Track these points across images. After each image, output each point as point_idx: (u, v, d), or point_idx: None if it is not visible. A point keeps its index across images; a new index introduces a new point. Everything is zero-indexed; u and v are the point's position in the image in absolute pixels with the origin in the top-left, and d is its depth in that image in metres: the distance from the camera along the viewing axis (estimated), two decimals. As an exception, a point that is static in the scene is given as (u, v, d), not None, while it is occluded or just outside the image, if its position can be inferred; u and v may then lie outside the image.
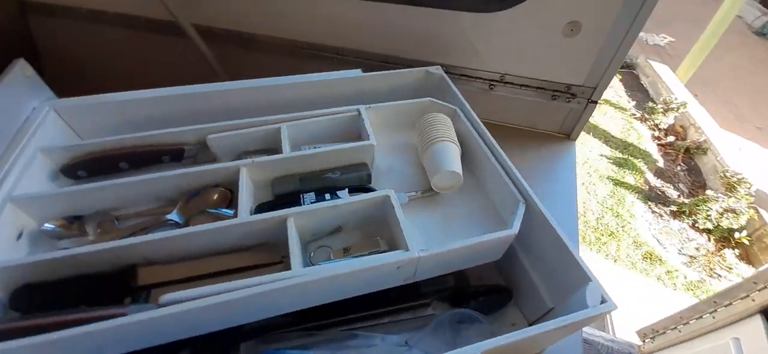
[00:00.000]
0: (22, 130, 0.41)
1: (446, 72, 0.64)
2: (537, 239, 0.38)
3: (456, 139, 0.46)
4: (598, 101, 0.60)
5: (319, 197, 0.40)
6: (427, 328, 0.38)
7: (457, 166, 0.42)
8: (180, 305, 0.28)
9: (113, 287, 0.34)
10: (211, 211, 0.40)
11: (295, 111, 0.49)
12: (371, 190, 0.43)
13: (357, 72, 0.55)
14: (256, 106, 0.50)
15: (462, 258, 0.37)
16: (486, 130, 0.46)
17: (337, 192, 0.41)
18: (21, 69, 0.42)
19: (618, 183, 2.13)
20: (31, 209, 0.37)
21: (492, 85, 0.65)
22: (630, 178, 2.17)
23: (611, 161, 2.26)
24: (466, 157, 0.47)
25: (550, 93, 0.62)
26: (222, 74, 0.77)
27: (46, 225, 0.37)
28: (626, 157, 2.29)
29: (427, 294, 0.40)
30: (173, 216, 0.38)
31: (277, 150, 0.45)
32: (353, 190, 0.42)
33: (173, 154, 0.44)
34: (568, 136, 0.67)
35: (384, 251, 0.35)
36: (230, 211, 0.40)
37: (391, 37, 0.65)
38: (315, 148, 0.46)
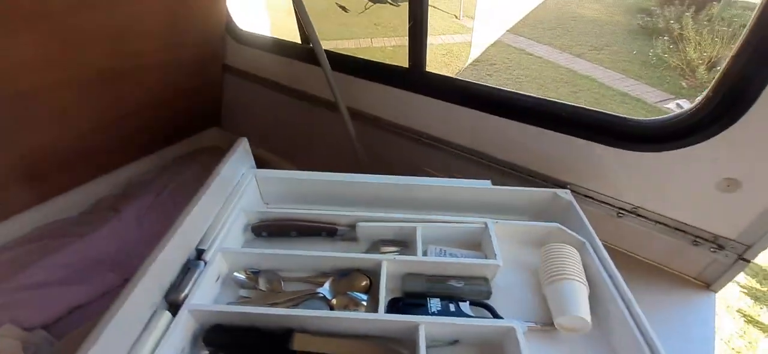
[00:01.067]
0: (233, 192, 0.55)
1: (572, 191, 0.65)
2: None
3: (584, 277, 0.47)
4: (751, 261, 0.54)
5: (443, 303, 0.45)
6: None
7: (585, 312, 0.42)
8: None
9: (276, 345, 0.42)
10: (352, 294, 0.47)
11: (424, 208, 0.55)
12: (489, 306, 0.46)
13: (486, 183, 0.60)
14: (393, 197, 0.59)
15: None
16: (616, 272, 0.46)
17: (460, 303, 0.46)
18: (243, 145, 0.58)
19: (751, 320, 1.72)
20: (230, 259, 0.49)
21: (620, 213, 0.63)
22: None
23: (746, 292, 1.85)
24: (591, 296, 0.47)
25: (692, 238, 0.58)
26: (360, 152, 0.91)
27: (236, 274, 0.48)
28: (766, 289, 1.85)
29: None
30: (324, 290, 0.47)
31: (407, 244, 0.52)
32: (474, 304, 0.46)
33: (329, 231, 0.54)
34: (708, 285, 0.60)
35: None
36: (365, 297, 0.47)
37: (522, 150, 0.70)
38: (443, 253, 0.51)
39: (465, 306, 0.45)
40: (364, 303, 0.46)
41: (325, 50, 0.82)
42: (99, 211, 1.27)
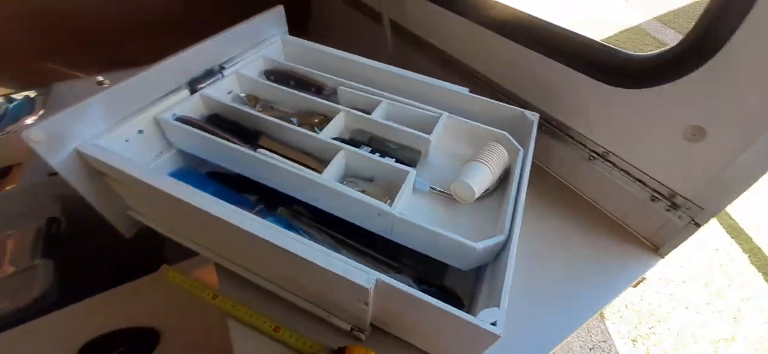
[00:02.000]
0: (261, 43, 0.72)
1: (547, 122, 0.67)
2: (498, 273, 0.42)
3: (497, 171, 0.52)
4: (702, 225, 0.51)
5: (372, 152, 0.56)
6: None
7: (476, 184, 0.49)
8: (262, 156, 0.50)
9: (248, 136, 0.58)
10: (311, 125, 0.61)
11: (402, 96, 0.64)
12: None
13: (464, 90, 0.65)
14: (382, 81, 0.68)
15: (430, 244, 0.45)
16: (526, 184, 0.50)
17: (386, 157, 0.56)
18: (278, 11, 0.73)
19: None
20: (241, 82, 0.66)
21: (592, 156, 0.63)
22: None
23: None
24: (496, 195, 0.52)
25: (650, 192, 0.56)
26: (390, 57, 1.00)
27: (241, 94, 0.66)
28: None
29: (401, 263, 0.51)
30: (294, 118, 0.61)
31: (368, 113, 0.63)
32: (398, 162, 0.56)
33: (318, 88, 0.67)
34: (657, 249, 0.58)
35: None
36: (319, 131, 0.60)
37: (507, 69, 0.72)
38: (391, 122, 0.61)
39: (388, 159, 0.55)
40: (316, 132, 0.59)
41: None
42: None
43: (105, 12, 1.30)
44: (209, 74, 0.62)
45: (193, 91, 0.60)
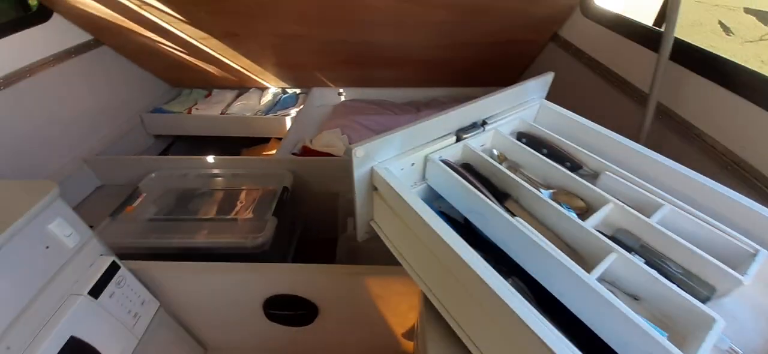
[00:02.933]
0: (521, 105, 0.72)
1: None
2: None
3: None
4: None
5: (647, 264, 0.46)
6: None
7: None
8: (521, 227, 0.48)
9: (496, 194, 0.58)
10: (565, 206, 0.55)
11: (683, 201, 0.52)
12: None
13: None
14: (658, 179, 0.57)
15: None
16: None
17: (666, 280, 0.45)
18: (547, 78, 0.72)
19: None
20: (496, 139, 0.68)
21: None
22: None
23: None
24: None
25: None
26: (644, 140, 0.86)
27: (494, 150, 0.66)
28: None
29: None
30: (545, 193, 0.58)
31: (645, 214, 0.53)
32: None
33: (574, 165, 0.62)
34: None
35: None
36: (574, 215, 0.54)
37: None
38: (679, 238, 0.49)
39: (672, 285, 0.45)
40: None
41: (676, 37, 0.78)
42: (408, 106, 1.86)
43: (372, 48, 1.59)
44: (474, 126, 0.66)
45: (458, 139, 0.64)
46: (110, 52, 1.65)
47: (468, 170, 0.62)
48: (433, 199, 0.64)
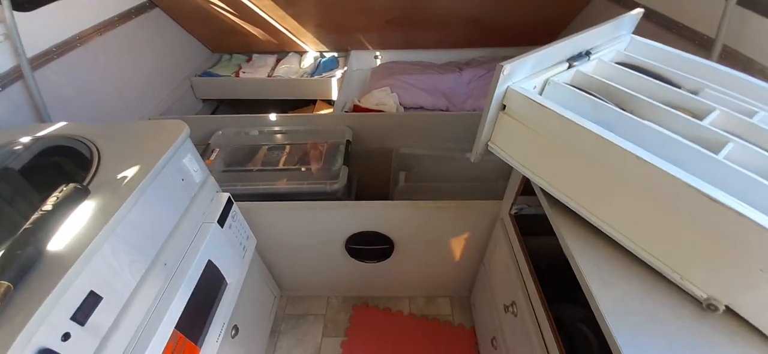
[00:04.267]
0: (615, 39, 0.81)
1: None
2: None
3: None
4: None
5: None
6: None
7: None
8: (652, 125, 0.57)
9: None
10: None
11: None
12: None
13: None
14: (738, 88, 0.67)
15: None
16: None
17: None
18: (637, 13, 0.80)
19: None
20: (599, 68, 0.76)
21: None
22: None
23: None
24: None
25: None
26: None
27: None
28: None
29: None
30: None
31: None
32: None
33: (673, 85, 0.72)
34: None
35: None
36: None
37: None
38: None
39: None
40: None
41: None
42: (449, 66, 1.93)
43: (418, 7, 1.64)
44: (580, 56, 0.75)
45: (569, 66, 0.73)
46: (162, 15, 1.68)
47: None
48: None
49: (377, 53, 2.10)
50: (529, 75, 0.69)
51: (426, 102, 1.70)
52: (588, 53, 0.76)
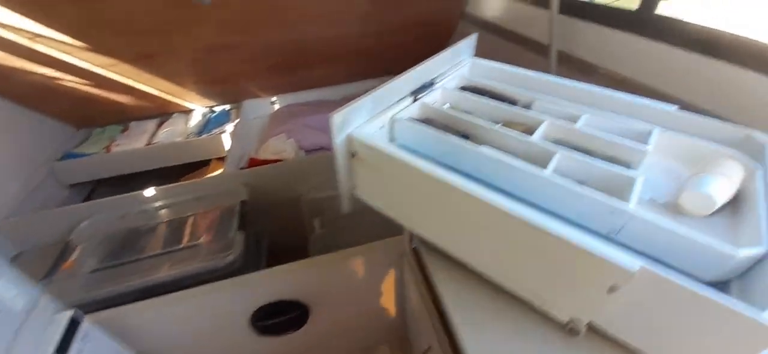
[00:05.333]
0: (457, 65, 0.83)
1: None
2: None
3: (736, 186, 0.50)
4: None
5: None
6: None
7: (716, 195, 0.48)
8: (487, 151, 0.57)
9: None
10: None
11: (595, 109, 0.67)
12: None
13: (672, 107, 0.64)
14: (578, 98, 0.71)
15: (668, 248, 0.46)
16: None
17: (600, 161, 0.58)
18: (473, 38, 0.83)
19: None
20: (445, 95, 0.77)
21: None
22: None
23: None
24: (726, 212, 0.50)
25: None
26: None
27: (445, 105, 0.76)
28: None
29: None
30: (496, 126, 0.69)
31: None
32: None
33: (511, 102, 0.74)
34: None
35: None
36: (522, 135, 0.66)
37: (709, 89, 0.68)
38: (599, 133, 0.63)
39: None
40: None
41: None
42: (346, 100, 1.95)
43: (300, 46, 1.61)
44: (425, 87, 0.74)
45: (415, 99, 0.72)
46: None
47: (430, 124, 0.71)
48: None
49: (273, 98, 2.02)
50: (372, 116, 0.66)
51: (325, 141, 1.65)
52: (432, 83, 0.76)
